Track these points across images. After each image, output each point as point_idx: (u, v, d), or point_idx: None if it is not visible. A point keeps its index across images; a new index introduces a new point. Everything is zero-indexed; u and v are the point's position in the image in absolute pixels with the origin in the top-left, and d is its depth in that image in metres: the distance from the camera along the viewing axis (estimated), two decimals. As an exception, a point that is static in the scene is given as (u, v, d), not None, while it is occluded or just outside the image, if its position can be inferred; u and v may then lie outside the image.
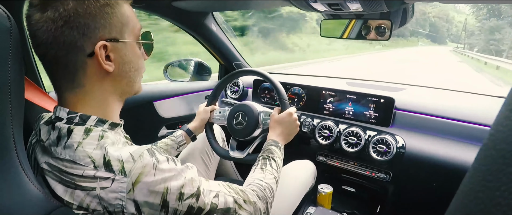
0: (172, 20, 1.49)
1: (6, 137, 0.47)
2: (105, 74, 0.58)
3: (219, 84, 1.27)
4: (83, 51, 0.54)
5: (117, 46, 0.58)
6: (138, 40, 0.64)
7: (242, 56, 1.84)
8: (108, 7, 0.56)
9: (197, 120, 1.22)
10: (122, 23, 0.59)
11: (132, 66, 0.62)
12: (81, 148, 0.52)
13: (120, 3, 0.58)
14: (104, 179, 0.50)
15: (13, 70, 0.48)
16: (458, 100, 1.38)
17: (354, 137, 1.30)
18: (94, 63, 0.56)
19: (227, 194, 0.66)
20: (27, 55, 1.01)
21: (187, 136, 1.17)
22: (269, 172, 0.85)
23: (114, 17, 0.57)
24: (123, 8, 0.59)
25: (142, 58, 0.66)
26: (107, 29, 0.56)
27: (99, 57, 0.55)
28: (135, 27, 0.62)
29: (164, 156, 0.56)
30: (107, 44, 0.56)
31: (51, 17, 0.51)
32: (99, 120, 0.58)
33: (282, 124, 1.04)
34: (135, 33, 0.62)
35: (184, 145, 1.17)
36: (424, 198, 1.23)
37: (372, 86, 1.49)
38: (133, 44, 0.62)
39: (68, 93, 0.58)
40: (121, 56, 0.59)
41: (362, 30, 1.16)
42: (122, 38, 0.59)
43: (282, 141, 1.00)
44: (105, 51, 0.56)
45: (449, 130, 1.19)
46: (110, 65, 0.57)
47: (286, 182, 1.14)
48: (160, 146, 1.11)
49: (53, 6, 0.51)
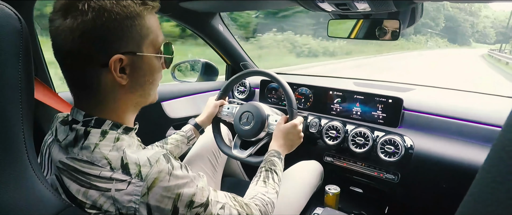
0: (180, 20, 1.50)
1: (17, 137, 0.48)
2: (119, 85, 0.57)
3: (232, 80, 1.26)
4: (97, 63, 0.54)
5: (133, 59, 0.57)
6: (157, 52, 0.62)
7: (249, 57, 1.85)
8: (128, 20, 0.54)
9: (205, 114, 1.22)
10: (142, 36, 0.57)
11: (147, 80, 0.61)
12: (98, 150, 0.53)
13: (143, 15, 0.56)
14: (120, 181, 0.51)
15: (23, 71, 0.49)
16: (468, 100, 1.36)
17: (361, 138, 1.29)
18: (108, 74, 0.55)
19: (232, 207, 0.67)
20: (37, 55, 1.02)
21: (196, 130, 1.18)
22: (271, 186, 0.86)
23: (133, 30, 0.55)
24: (145, 20, 0.57)
25: (159, 70, 0.64)
26: (124, 42, 0.55)
27: (113, 70, 0.54)
28: (155, 39, 0.60)
29: (178, 163, 0.57)
30: (123, 58, 0.55)
31: (70, 26, 0.51)
32: (113, 124, 0.58)
33: (286, 136, 1.04)
34: (154, 45, 0.60)
35: (194, 139, 1.18)
36: (433, 199, 1.21)
37: (380, 86, 1.48)
38: (151, 57, 0.60)
39: (84, 98, 0.58)
40: (136, 69, 0.58)
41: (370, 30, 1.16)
42: (139, 51, 0.57)
43: (283, 152, 1.01)
44: (120, 64, 0.55)
45: (458, 131, 1.18)
46: (124, 78, 0.57)
47: (293, 182, 1.14)
48: (171, 142, 1.12)
49: (73, 15, 0.51)
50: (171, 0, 1.26)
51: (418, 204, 1.32)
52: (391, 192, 1.36)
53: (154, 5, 0.59)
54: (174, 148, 1.12)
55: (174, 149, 1.12)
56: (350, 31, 1.21)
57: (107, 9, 0.51)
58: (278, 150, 1.00)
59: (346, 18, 1.22)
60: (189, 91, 1.61)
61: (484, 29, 52.92)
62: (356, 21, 1.18)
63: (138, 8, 0.55)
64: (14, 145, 0.48)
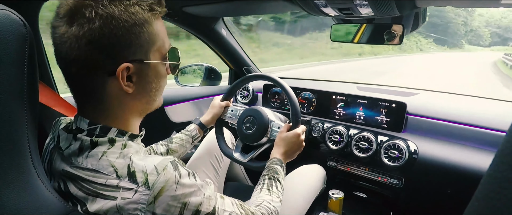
0: (183, 25, 1.51)
1: (22, 142, 0.48)
2: (125, 93, 0.57)
3: (238, 82, 1.26)
4: (104, 71, 0.53)
5: (140, 67, 0.56)
6: (164, 59, 0.61)
7: (252, 61, 1.85)
8: (136, 27, 0.53)
9: (210, 114, 1.23)
10: (149, 42, 0.56)
11: (153, 87, 0.61)
12: (105, 157, 0.53)
13: (150, 21, 0.55)
14: (126, 190, 0.51)
15: (28, 76, 0.49)
16: (472, 105, 1.35)
17: (365, 142, 1.28)
18: (114, 82, 0.54)
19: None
20: (42, 59, 1.03)
21: (200, 129, 1.18)
22: (276, 195, 0.86)
23: (141, 37, 0.54)
24: (153, 26, 0.56)
25: (165, 76, 0.64)
26: (132, 49, 0.54)
27: (120, 79, 0.54)
28: (162, 45, 0.60)
29: (185, 170, 0.56)
30: (130, 66, 0.54)
31: (76, 34, 0.49)
32: (119, 131, 0.58)
33: (288, 145, 1.04)
34: (161, 51, 0.60)
35: (198, 138, 1.18)
36: (437, 204, 1.20)
37: (383, 90, 1.47)
38: (158, 63, 0.60)
39: (88, 106, 0.58)
40: (143, 77, 0.58)
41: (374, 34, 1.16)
42: (146, 59, 0.57)
43: (285, 160, 1.02)
44: (127, 72, 0.54)
45: (462, 136, 1.17)
46: (131, 87, 0.56)
47: (295, 186, 1.13)
48: (175, 141, 1.12)
49: (80, 22, 0.49)
50: (175, 5, 1.27)
51: (422, 209, 1.31)
52: (395, 197, 1.35)
53: (161, 10, 0.58)
54: (178, 147, 1.12)
55: (179, 148, 1.12)
56: (353, 36, 1.21)
57: (115, 17, 0.50)
58: (280, 158, 1.00)
59: (349, 22, 1.22)
60: (192, 95, 1.61)
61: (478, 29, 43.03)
62: (359, 26, 1.18)
63: (146, 15, 0.54)
64: (19, 150, 0.48)
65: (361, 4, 0.95)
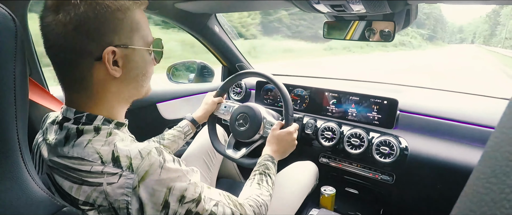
0: (175, 21, 1.50)
1: (11, 138, 0.48)
2: (112, 78, 0.58)
3: (232, 78, 1.26)
4: (91, 55, 0.55)
5: (126, 52, 0.58)
6: (148, 47, 0.63)
7: (245, 58, 1.85)
8: (119, 12, 0.55)
9: (202, 110, 1.23)
10: (133, 29, 0.58)
11: (140, 72, 0.63)
12: (90, 145, 0.53)
13: (132, 8, 0.58)
14: (111, 175, 0.51)
15: (18, 72, 0.49)
16: (462, 102, 1.37)
17: (357, 139, 1.29)
18: (101, 67, 0.56)
19: (226, 205, 0.67)
20: (31, 56, 1.01)
21: (193, 126, 1.18)
22: (265, 189, 0.86)
23: (125, 22, 0.57)
24: (135, 14, 0.59)
25: (151, 64, 0.66)
26: (117, 34, 0.56)
27: (107, 62, 0.55)
28: (145, 35, 0.62)
29: (170, 156, 0.57)
30: (115, 50, 0.56)
31: (62, 20, 0.51)
32: (105, 119, 0.59)
33: (280, 142, 1.04)
34: (145, 40, 0.62)
35: (191, 134, 1.18)
36: (427, 200, 1.22)
37: (376, 87, 1.48)
38: (143, 50, 0.62)
39: (75, 94, 0.58)
40: (129, 61, 0.59)
41: (365, 31, 1.16)
42: (131, 44, 0.59)
43: (277, 158, 1.02)
44: (113, 56, 0.56)
45: (453, 132, 1.18)
46: (117, 71, 0.58)
47: (287, 183, 1.14)
48: (167, 137, 1.12)
49: (65, 9, 0.51)
50: (167, 1, 1.26)
51: (413, 204, 1.33)
52: (386, 193, 1.37)
53: (143, 1, 0.61)
54: (171, 144, 1.12)
55: (171, 145, 1.12)
56: (346, 33, 1.21)
57: (99, 2, 0.53)
58: (272, 155, 1.00)
59: (341, 19, 1.23)
60: (185, 92, 1.61)
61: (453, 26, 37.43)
62: (352, 23, 1.19)
63: (128, 2, 0.57)
64: (9, 146, 0.47)
65: (353, 1, 0.96)
